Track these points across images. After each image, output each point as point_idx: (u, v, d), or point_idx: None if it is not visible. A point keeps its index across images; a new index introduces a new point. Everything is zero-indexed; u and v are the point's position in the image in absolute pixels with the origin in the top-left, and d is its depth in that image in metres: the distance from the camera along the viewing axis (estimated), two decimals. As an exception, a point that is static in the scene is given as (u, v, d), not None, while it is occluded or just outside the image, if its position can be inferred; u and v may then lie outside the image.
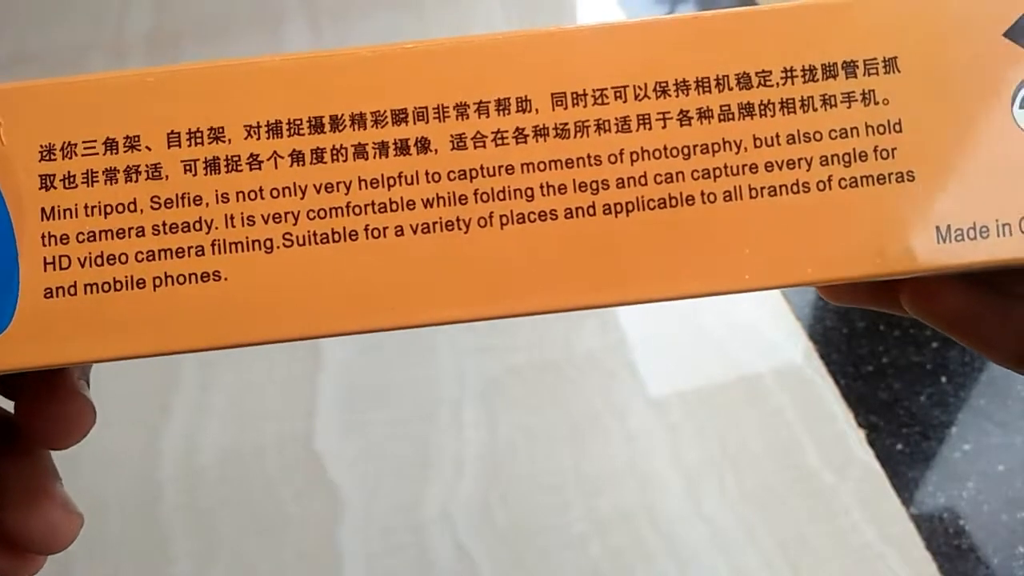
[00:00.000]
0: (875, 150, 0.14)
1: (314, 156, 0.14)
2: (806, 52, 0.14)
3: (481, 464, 0.38)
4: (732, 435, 0.39)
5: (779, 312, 0.42)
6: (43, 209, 0.14)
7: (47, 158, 0.14)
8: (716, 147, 0.14)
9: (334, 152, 0.14)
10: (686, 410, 0.39)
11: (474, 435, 0.39)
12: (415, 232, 0.14)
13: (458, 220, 0.14)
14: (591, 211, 0.14)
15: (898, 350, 0.42)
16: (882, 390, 0.41)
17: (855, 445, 0.38)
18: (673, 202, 0.14)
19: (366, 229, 0.14)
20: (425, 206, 0.14)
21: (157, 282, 0.14)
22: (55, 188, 0.14)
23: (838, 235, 0.14)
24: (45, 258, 0.14)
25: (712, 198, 0.14)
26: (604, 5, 0.61)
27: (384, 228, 0.14)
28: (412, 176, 0.14)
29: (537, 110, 0.14)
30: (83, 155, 0.14)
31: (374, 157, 0.14)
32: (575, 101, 0.14)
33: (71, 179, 0.14)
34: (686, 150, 0.14)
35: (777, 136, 0.14)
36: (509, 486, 0.37)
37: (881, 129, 0.14)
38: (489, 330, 0.42)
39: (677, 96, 0.14)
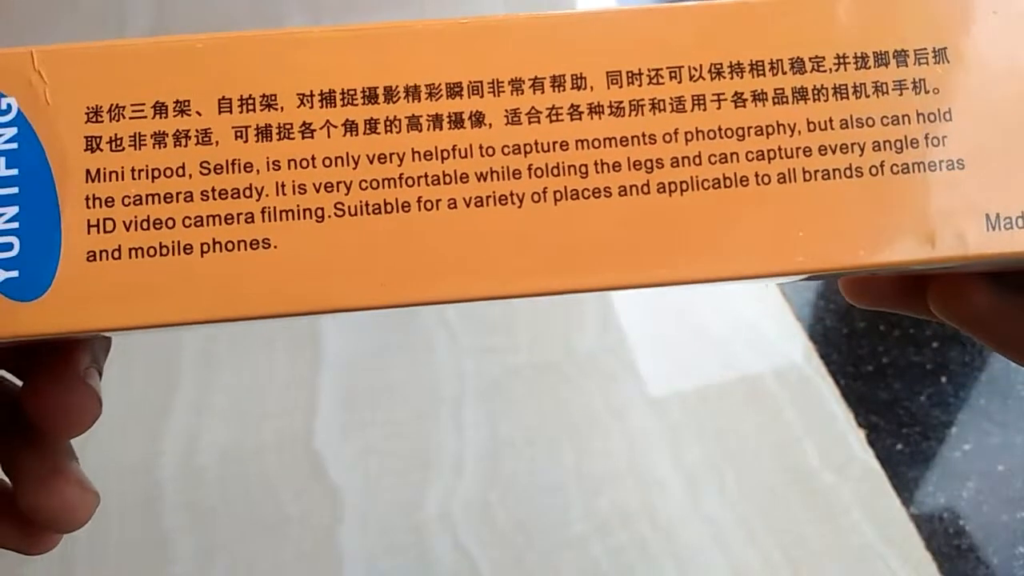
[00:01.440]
0: (926, 137, 0.14)
1: (367, 127, 0.14)
2: (859, 40, 0.14)
3: (481, 464, 0.38)
4: (732, 435, 0.39)
5: (779, 312, 0.42)
6: (88, 171, 0.13)
7: (94, 120, 0.13)
8: (771, 129, 0.14)
9: (388, 123, 0.14)
10: (686, 410, 0.39)
11: (474, 435, 0.39)
12: (468, 205, 0.14)
13: (512, 195, 0.14)
14: (645, 189, 0.14)
15: (898, 350, 0.42)
16: (882, 390, 0.41)
17: (855, 445, 0.38)
18: (727, 183, 0.14)
19: (419, 201, 0.14)
20: (478, 179, 0.14)
21: (205, 248, 0.13)
22: (101, 150, 0.13)
23: (890, 220, 0.14)
24: (89, 221, 0.13)
25: (766, 180, 0.14)
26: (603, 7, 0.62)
27: (437, 200, 0.14)
28: (466, 149, 0.14)
29: (592, 88, 0.14)
30: (131, 118, 0.14)
31: (428, 129, 0.14)
32: (630, 80, 0.14)
33: (118, 142, 0.13)
34: (740, 131, 0.14)
35: (831, 121, 0.14)
36: (509, 486, 0.37)
37: (932, 117, 0.14)
38: (489, 330, 0.42)
39: (732, 78, 0.14)
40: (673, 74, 0.14)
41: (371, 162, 0.14)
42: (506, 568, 0.35)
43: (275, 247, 0.14)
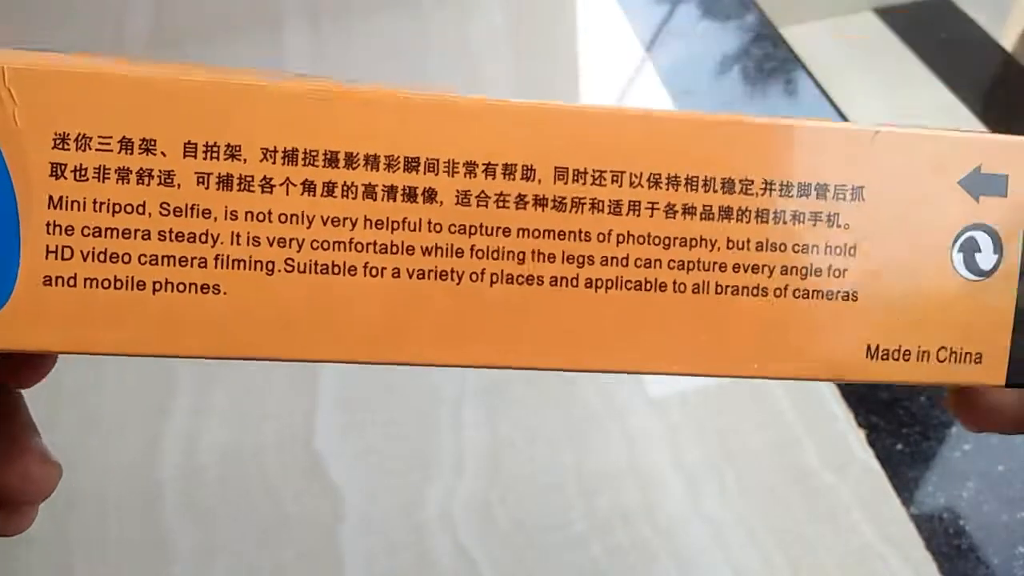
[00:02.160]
0: (829, 268, 0.15)
1: (325, 189, 0.14)
2: (788, 169, 0.15)
3: (481, 464, 0.38)
4: (732, 435, 0.39)
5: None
6: (51, 197, 0.14)
7: (60, 147, 0.14)
8: (694, 242, 0.15)
9: (345, 188, 0.14)
10: (686, 410, 0.39)
11: (474, 435, 0.39)
12: (411, 276, 0.14)
13: (452, 271, 0.15)
14: (574, 283, 0.15)
15: (898, 350, 0.42)
16: (882, 390, 0.41)
17: (855, 445, 0.38)
18: (648, 286, 0.15)
19: (365, 266, 0.14)
20: (424, 253, 0.14)
21: (157, 286, 0.14)
22: (65, 178, 0.14)
23: (784, 339, 0.15)
24: (48, 246, 0.14)
25: (682, 288, 0.15)
26: (603, 5, 0.62)
27: (382, 268, 0.14)
28: (415, 223, 0.14)
29: (540, 180, 0.15)
30: (97, 150, 0.14)
31: (382, 199, 0.14)
32: (576, 178, 0.15)
33: (82, 171, 0.14)
34: (667, 240, 0.15)
35: (748, 241, 0.15)
36: (509, 486, 0.37)
37: (838, 250, 0.15)
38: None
39: (667, 189, 0.15)
40: (615, 177, 0.15)
41: (324, 224, 0.14)
42: (506, 568, 0.35)
43: (225, 293, 0.14)
